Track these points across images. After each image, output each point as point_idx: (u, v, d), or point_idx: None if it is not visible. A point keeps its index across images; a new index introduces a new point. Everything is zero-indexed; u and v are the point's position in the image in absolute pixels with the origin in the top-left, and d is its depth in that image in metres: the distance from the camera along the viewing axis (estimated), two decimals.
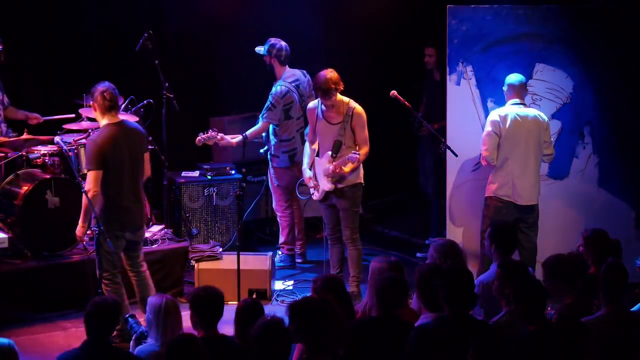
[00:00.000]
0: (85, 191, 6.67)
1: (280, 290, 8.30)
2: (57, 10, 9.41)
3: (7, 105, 8.47)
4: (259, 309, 5.28)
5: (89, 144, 6.88)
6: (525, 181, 7.64)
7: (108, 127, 6.85)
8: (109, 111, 6.85)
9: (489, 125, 7.66)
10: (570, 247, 6.74)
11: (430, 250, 6.30)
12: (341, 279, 5.74)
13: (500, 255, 6.38)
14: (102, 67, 9.26)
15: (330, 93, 7.67)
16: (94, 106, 6.88)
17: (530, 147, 7.64)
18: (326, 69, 7.71)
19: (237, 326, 5.28)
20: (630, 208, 8.29)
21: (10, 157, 7.98)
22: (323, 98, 7.73)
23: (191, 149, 8.96)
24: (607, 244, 6.32)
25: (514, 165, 7.63)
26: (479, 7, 8.25)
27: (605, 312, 5.33)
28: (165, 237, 8.34)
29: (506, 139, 7.61)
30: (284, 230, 8.93)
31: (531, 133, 7.63)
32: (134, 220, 6.95)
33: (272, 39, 8.61)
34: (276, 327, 4.67)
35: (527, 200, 7.65)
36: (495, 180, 7.71)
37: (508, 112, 7.65)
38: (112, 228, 6.78)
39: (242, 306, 5.31)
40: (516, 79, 7.71)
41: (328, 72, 7.68)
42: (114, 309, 5.15)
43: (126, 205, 6.87)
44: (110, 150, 6.76)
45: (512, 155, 7.63)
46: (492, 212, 7.68)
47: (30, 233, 7.70)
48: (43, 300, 7.55)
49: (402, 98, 8.17)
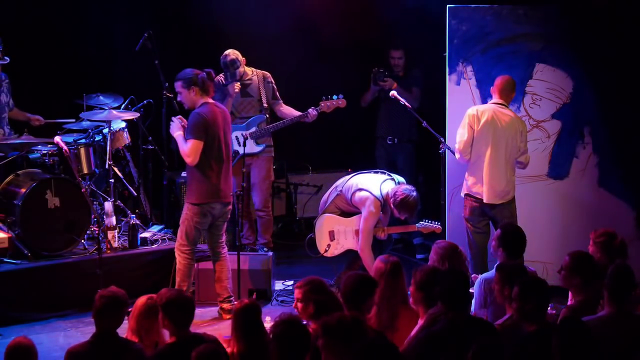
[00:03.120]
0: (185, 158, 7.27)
1: (280, 290, 8.30)
2: (57, 10, 9.41)
3: (12, 108, 8.50)
4: (257, 310, 5.20)
5: (194, 116, 7.27)
6: (494, 180, 7.60)
7: (209, 105, 7.31)
8: (207, 93, 7.33)
9: (465, 119, 7.66)
10: (570, 247, 6.71)
11: (431, 252, 6.31)
12: (321, 280, 5.66)
13: (506, 258, 6.33)
14: (102, 67, 9.26)
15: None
16: (194, 89, 7.27)
17: (501, 149, 7.59)
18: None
19: (236, 329, 5.15)
20: (631, 208, 8.28)
21: (10, 157, 7.99)
22: (409, 215, 7.74)
23: None
24: (615, 244, 6.30)
25: (485, 164, 7.61)
26: (479, 7, 8.25)
27: (608, 313, 5.32)
28: (165, 237, 8.34)
29: (480, 136, 7.60)
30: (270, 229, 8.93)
31: (504, 135, 7.59)
32: (223, 196, 7.37)
33: (230, 58, 8.43)
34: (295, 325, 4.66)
35: (490, 199, 7.60)
36: (469, 176, 7.72)
37: (486, 109, 7.65)
38: (202, 203, 7.29)
39: (239, 309, 5.20)
40: (501, 80, 7.69)
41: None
42: (120, 302, 5.16)
43: (215, 181, 7.29)
44: (211, 124, 7.25)
45: (484, 153, 7.62)
46: (469, 212, 7.70)
47: (30, 233, 7.70)
48: (43, 300, 7.54)
49: (401, 99, 8.18)
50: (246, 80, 8.54)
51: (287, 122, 8.55)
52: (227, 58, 8.44)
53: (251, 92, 8.56)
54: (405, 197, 7.58)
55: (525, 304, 5.11)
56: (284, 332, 4.63)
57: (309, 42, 9.70)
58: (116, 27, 9.64)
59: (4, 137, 8.19)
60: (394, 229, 8.05)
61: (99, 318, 5.11)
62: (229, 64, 8.43)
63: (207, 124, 7.23)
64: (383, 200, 7.74)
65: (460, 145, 7.65)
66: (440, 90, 8.53)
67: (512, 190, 7.69)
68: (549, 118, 8.18)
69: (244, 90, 8.53)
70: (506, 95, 7.70)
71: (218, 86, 8.35)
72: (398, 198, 7.60)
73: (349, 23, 9.97)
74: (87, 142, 8.18)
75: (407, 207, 7.60)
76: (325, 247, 7.98)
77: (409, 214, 7.70)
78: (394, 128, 9.33)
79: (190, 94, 7.30)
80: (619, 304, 5.31)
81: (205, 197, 7.32)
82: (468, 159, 7.67)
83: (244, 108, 8.56)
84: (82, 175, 8.00)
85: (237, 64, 8.43)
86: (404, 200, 7.58)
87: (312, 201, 10.03)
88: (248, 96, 8.56)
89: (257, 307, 5.23)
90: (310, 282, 5.47)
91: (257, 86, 8.55)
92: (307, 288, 5.42)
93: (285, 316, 4.78)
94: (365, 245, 7.78)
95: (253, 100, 8.57)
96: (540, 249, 8.04)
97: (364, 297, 5.33)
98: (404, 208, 7.62)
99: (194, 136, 7.21)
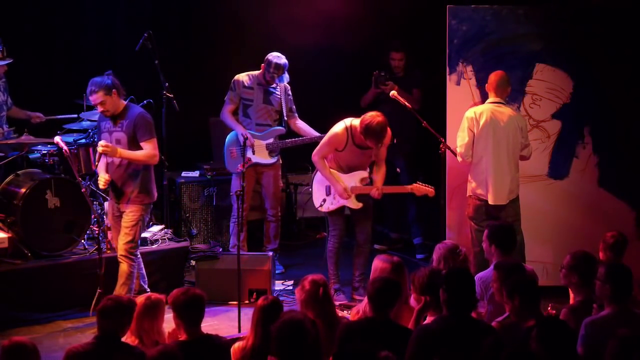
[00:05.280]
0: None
1: (280, 290, 8.30)
2: (57, 10, 9.41)
3: (10, 107, 8.50)
4: (279, 307, 5.32)
5: (144, 116, 7.29)
6: (498, 181, 7.61)
7: (134, 104, 7.36)
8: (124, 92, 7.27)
9: (464, 122, 7.67)
10: (570, 247, 6.72)
11: (433, 252, 6.33)
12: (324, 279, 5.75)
13: (499, 255, 6.38)
14: (102, 67, 9.24)
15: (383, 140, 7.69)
16: (114, 93, 7.18)
17: (503, 147, 7.61)
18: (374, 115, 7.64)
19: (256, 324, 5.27)
20: (630, 208, 8.28)
21: (10, 157, 7.99)
22: (374, 142, 7.67)
23: (191, 149, 8.94)
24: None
25: (488, 164, 7.62)
26: (479, 7, 8.24)
27: (609, 312, 5.33)
28: (165, 237, 8.33)
29: (480, 138, 7.61)
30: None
31: (505, 134, 7.60)
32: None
33: (282, 62, 8.44)
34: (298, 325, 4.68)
35: (496, 200, 7.61)
36: (472, 179, 7.72)
37: (484, 110, 7.65)
38: (153, 201, 7.45)
39: (263, 305, 5.31)
40: (495, 77, 7.69)
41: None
42: (126, 307, 5.17)
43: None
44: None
45: (486, 153, 7.62)
46: (473, 211, 7.70)
47: (30, 233, 7.70)
48: (43, 300, 7.54)
49: (401, 99, 8.17)
50: (270, 88, 8.55)
51: (307, 140, 8.57)
52: (281, 61, 8.42)
53: (273, 101, 8.55)
54: (369, 122, 7.55)
55: (513, 300, 5.23)
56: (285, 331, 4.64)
57: (309, 42, 9.68)
58: (116, 27, 9.63)
59: (3, 137, 8.19)
60: (388, 189, 8.00)
61: (101, 319, 5.12)
62: (280, 67, 8.40)
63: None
64: (350, 128, 7.73)
65: (462, 149, 7.65)
66: (441, 90, 8.53)
67: (517, 189, 7.70)
68: (549, 118, 8.18)
69: (266, 97, 8.53)
70: (502, 92, 7.70)
71: (238, 86, 8.42)
72: (363, 123, 7.57)
73: (349, 23, 9.99)
74: (87, 142, 8.18)
75: (372, 132, 7.55)
76: (320, 202, 7.98)
77: (375, 139, 7.61)
78: (394, 128, 9.29)
79: (114, 98, 7.20)
80: (620, 302, 5.32)
81: (154, 195, 7.40)
82: (470, 161, 7.67)
83: (262, 115, 8.56)
84: (82, 175, 7.99)
85: (283, 70, 8.43)
86: (368, 125, 7.54)
87: (312, 201, 10.00)
88: (269, 104, 8.55)
89: (280, 305, 5.35)
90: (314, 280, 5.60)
91: (280, 97, 8.56)
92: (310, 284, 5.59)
93: (287, 316, 4.82)
94: (317, 151, 7.85)
95: (273, 110, 8.57)
96: (540, 249, 8.05)
97: (391, 300, 5.36)
98: (369, 134, 7.56)
99: (153, 134, 7.26)
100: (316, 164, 7.91)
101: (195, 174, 9.32)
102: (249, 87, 8.52)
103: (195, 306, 5.24)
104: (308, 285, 5.57)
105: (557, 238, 8.18)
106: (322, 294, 5.55)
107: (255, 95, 8.54)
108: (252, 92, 8.54)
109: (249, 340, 5.24)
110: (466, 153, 7.65)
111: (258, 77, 8.53)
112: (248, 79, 8.54)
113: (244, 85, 8.51)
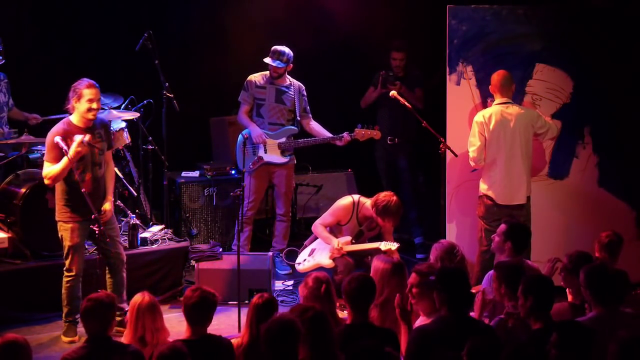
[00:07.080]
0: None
1: (280, 290, 8.30)
2: (57, 10, 9.41)
3: (11, 107, 8.51)
4: (274, 306, 5.39)
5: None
6: (510, 182, 7.62)
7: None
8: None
9: (474, 127, 7.67)
10: (570, 247, 6.72)
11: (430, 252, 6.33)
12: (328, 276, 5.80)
13: (511, 253, 6.38)
14: (102, 67, 9.26)
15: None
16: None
17: (516, 147, 7.62)
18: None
19: (250, 322, 5.32)
20: (630, 208, 8.29)
21: (10, 157, 7.99)
22: (393, 221, 7.65)
23: (191, 149, 8.93)
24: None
25: (501, 166, 7.63)
26: (479, 7, 8.25)
27: (595, 314, 5.31)
28: (165, 237, 8.34)
29: (492, 140, 7.62)
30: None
31: (517, 134, 7.61)
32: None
33: (280, 48, 8.49)
34: (287, 327, 4.69)
35: (508, 201, 7.62)
36: (485, 181, 7.72)
37: (493, 113, 7.65)
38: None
39: (258, 303, 5.36)
40: (498, 77, 7.69)
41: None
42: (107, 304, 5.16)
43: None
44: None
45: (500, 155, 7.63)
46: (484, 210, 7.70)
47: (30, 233, 7.70)
48: (43, 300, 7.54)
49: (401, 98, 8.17)
50: (283, 87, 8.55)
51: (319, 140, 8.58)
52: (280, 47, 8.41)
53: (286, 100, 8.55)
54: (387, 202, 7.53)
55: (527, 301, 5.14)
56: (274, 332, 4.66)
57: (309, 42, 9.68)
58: (116, 27, 9.63)
59: (3, 137, 8.19)
60: (355, 247, 7.82)
61: (85, 322, 5.14)
62: (277, 51, 8.37)
63: None
64: (357, 204, 7.74)
65: (474, 154, 7.64)
66: (441, 90, 8.53)
67: (529, 188, 7.71)
68: (549, 118, 8.18)
69: (279, 96, 8.54)
70: (507, 90, 7.70)
71: (251, 86, 8.42)
72: (380, 204, 7.54)
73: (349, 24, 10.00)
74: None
75: (390, 212, 7.53)
76: (301, 260, 8.01)
77: (394, 218, 7.61)
78: (394, 128, 9.32)
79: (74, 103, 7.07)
80: (605, 304, 5.28)
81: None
82: (482, 165, 7.68)
83: (275, 114, 8.57)
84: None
85: (284, 57, 8.38)
86: (387, 206, 7.52)
87: (312, 201, 10.03)
88: (282, 103, 8.55)
89: (275, 304, 5.41)
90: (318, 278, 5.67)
91: (293, 96, 8.55)
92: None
93: (277, 316, 4.86)
94: (318, 224, 7.86)
95: (285, 109, 8.57)
96: (540, 249, 8.03)
97: (368, 299, 5.40)
98: (387, 214, 7.54)
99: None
100: (315, 231, 7.92)
101: (195, 174, 9.33)
102: (261, 86, 8.54)
103: (203, 307, 5.23)
104: (311, 282, 5.65)
105: (557, 238, 8.18)
106: (323, 291, 5.60)
107: (267, 94, 8.55)
108: (264, 91, 8.55)
109: (243, 338, 5.30)
110: (479, 157, 7.64)
111: (269, 76, 8.55)
112: (261, 78, 8.57)
113: (257, 84, 8.54)
